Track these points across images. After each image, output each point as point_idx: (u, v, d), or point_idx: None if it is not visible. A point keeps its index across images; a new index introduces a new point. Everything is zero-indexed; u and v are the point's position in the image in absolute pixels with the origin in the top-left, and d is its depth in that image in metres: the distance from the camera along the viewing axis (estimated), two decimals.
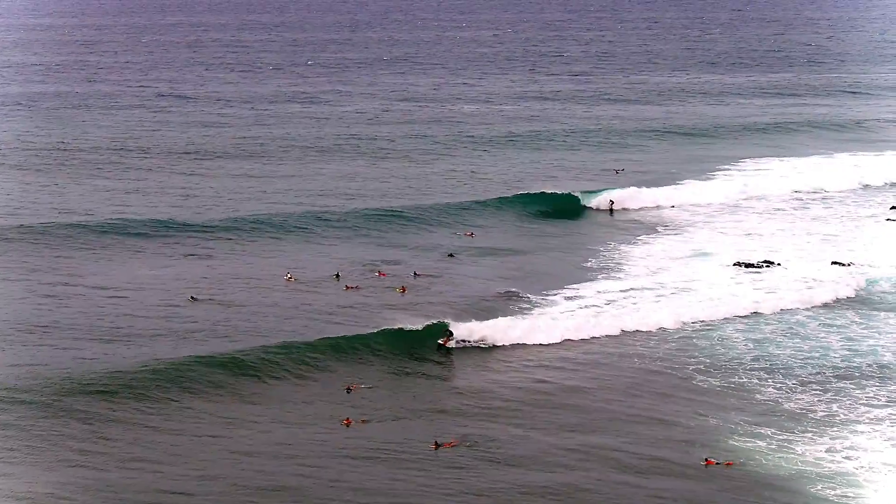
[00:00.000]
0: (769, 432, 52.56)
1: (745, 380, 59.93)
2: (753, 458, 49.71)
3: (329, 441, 49.70)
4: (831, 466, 49.00)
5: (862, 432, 52.68)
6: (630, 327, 69.28)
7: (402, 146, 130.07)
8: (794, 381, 59.77)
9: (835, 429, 53.16)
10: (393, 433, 50.32)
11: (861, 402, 57.06)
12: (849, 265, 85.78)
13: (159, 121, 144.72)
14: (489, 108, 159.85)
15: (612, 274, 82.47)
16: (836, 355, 64.33)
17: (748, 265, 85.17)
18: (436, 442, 46.22)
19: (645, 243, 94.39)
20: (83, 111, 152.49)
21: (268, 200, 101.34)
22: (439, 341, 62.75)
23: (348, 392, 54.81)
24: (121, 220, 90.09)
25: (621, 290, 77.33)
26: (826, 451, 50.70)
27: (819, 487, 46.96)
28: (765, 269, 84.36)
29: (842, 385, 59.36)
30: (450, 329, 63.16)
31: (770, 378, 60.22)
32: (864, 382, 59.84)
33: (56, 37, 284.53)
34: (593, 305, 73.82)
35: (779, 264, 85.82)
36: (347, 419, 50.61)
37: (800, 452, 50.56)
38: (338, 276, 77.79)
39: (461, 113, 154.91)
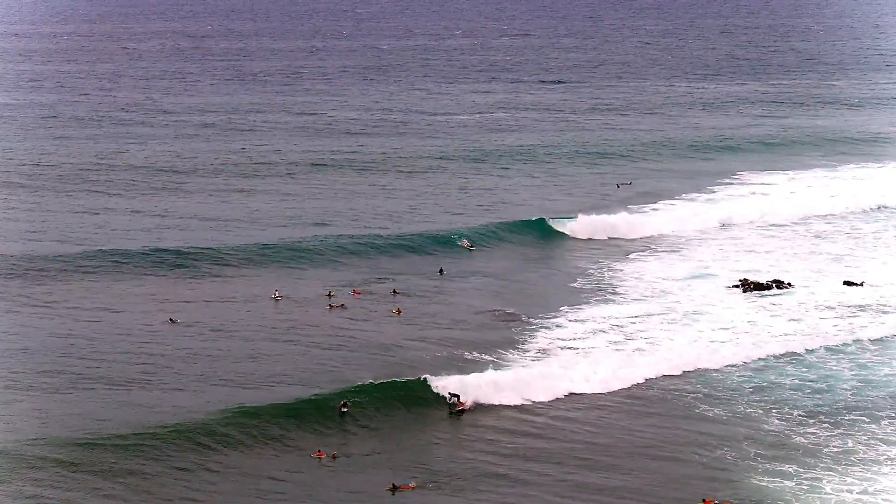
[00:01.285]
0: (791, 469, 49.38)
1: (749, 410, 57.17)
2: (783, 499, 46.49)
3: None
4: None
5: (886, 473, 49.28)
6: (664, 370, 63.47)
7: (388, 163, 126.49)
8: (802, 413, 56.78)
9: (856, 468, 49.94)
10: (358, 472, 47.81)
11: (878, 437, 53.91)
12: (861, 285, 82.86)
13: (133, 134, 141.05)
14: (477, 120, 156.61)
15: (614, 296, 78.78)
16: (847, 386, 61.21)
17: (757, 286, 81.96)
18: (392, 485, 43.98)
19: (641, 261, 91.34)
20: (52, 124, 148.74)
21: (252, 219, 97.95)
22: (452, 408, 56.57)
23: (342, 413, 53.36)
24: (97, 242, 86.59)
25: (629, 317, 73.42)
26: (860, 493, 47.24)
27: None
28: (775, 290, 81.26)
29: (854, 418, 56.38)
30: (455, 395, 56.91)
31: (775, 409, 57.41)
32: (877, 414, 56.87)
33: (25, 45, 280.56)
34: (600, 331, 70.18)
35: (789, 284, 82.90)
36: (320, 451, 48.64)
37: (829, 491, 47.33)
38: (330, 294, 75.19)
39: (451, 125, 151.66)
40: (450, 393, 56.14)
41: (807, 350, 66.75)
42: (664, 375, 62.01)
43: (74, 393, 55.38)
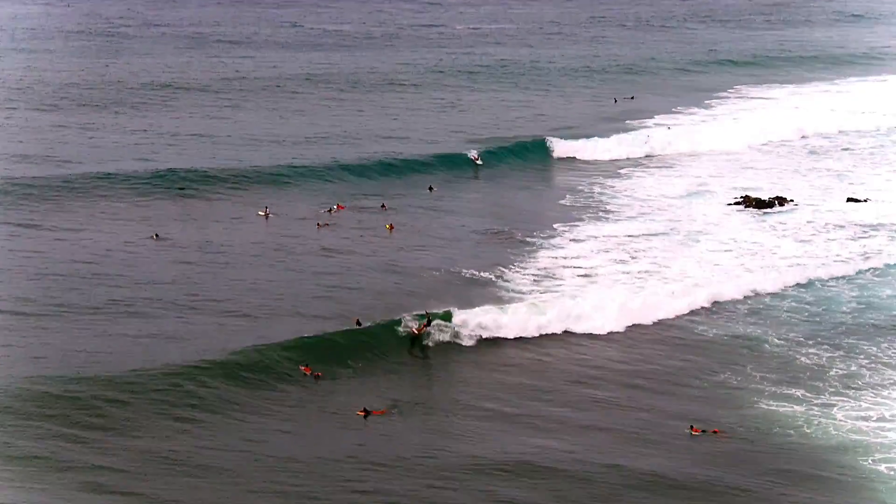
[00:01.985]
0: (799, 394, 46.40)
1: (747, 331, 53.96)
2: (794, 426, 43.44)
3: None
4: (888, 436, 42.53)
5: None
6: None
7: (379, 77, 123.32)
8: (801, 336, 53.43)
9: (866, 392, 46.77)
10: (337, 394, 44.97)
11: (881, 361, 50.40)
12: (865, 201, 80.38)
13: (119, 49, 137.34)
14: (470, 32, 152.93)
15: (609, 214, 75.78)
16: (847, 308, 57.81)
17: (759, 203, 79.28)
18: (364, 409, 41.93)
19: (636, 178, 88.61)
20: (36, 38, 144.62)
21: (240, 137, 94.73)
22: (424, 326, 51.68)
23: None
24: (80, 161, 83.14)
25: (630, 236, 70.10)
26: (877, 420, 43.88)
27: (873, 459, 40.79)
28: (777, 207, 78.72)
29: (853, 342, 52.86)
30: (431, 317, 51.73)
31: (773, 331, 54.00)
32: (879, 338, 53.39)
33: None
34: (603, 251, 66.72)
35: (791, 201, 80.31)
36: (307, 367, 46.10)
37: (842, 418, 44.26)
38: (330, 210, 73.08)
39: (444, 37, 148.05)
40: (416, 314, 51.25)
41: (810, 272, 63.11)
42: (671, 300, 57.36)
43: (53, 321, 51.00)
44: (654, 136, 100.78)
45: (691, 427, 42.25)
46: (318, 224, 69.92)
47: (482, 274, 60.46)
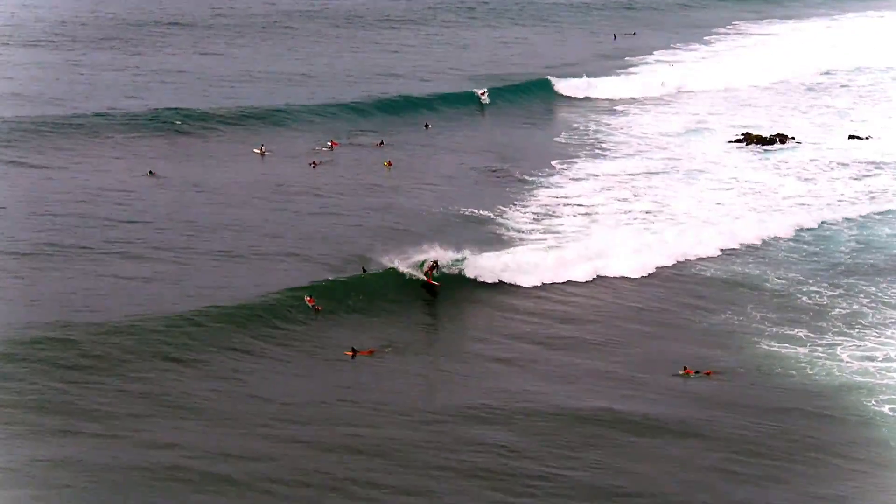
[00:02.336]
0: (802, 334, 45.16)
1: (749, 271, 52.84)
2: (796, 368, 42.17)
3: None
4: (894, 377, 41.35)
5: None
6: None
7: (376, 18, 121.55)
8: (801, 275, 52.23)
9: (869, 332, 45.50)
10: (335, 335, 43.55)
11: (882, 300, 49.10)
12: (867, 139, 79.41)
13: None
14: None
15: (611, 152, 74.94)
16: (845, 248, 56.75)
17: (760, 140, 78.16)
18: (353, 349, 40.98)
19: (635, 115, 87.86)
20: None
21: (237, 77, 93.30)
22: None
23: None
24: (74, 101, 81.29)
25: (630, 174, 68.97)
26: (883, 360, 42.61)
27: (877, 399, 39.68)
28: (779, 145, 77.58)
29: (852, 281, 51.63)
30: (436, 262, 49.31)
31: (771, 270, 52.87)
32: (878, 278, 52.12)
33: None
34: (604, 189, 65.57)
35: (793, 139, 79.03)
36: (310, 298, 45.02)
37: (847, 359, 43.00)
38: (324, 147, 71.97)
39: None
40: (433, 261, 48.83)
41: (816, 214, 61.72)
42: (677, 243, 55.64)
43: (48, 262, 49.36)
44: (667, 81, 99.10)
45: (684, 368, 41.55)
46: (312, 163, 68.50)
47: (483, 212, 59.38)
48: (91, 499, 30.47)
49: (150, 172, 64.34)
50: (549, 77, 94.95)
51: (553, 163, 71.19)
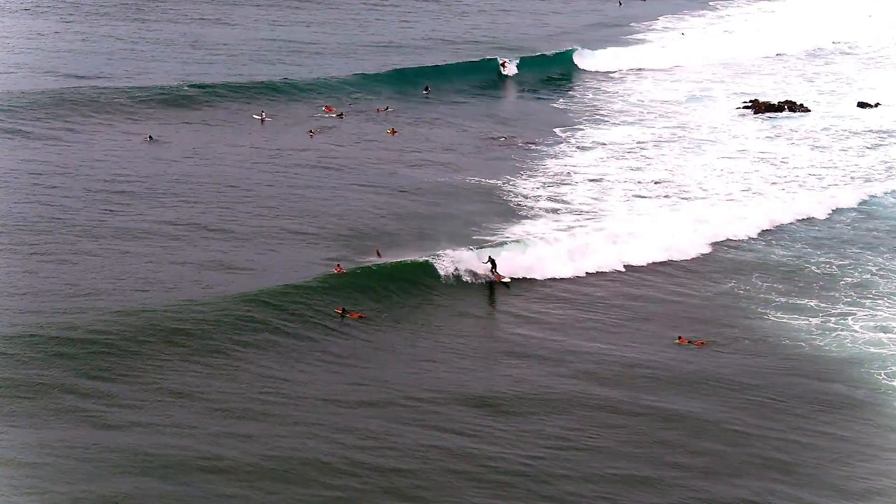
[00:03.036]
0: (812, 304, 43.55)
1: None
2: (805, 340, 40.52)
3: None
4: None
5: None
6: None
7: None
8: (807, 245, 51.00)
9: (881, 302, 43.92)
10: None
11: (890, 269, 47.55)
12: (876, 106, 78.18)
13: None
14: None
15: (613, 120, 73.63)
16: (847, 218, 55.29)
17: (769, 107, 76.79)
18: (343, 309, 39.96)
19: (633, 82, 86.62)
20: None
21: (237, 48, 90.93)
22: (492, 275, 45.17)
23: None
24: (71, 72, 78.53)
25: (638, 142, 67.55)
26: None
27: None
28: (787, 112, 76.25)
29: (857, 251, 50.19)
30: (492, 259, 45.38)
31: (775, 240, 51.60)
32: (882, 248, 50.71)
33: None
34: (612, 157, 64.04)
35: (802, 105, 77.53)
36: (339, 266, 43.39)
37: (859, 329, 41.34)
38: (341, 115, 70.85)
39: None
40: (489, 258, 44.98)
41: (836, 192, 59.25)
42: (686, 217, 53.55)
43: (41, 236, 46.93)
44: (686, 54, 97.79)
45: (678, 338, 40.50)
46: (309, 132, 66.43)
47: (490, 181, 57.77)
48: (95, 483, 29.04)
49: (149, 138, 63.00)
50: (578, 49, 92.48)
51: (556, 130, 70.02)
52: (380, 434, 31.94)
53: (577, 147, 66.47)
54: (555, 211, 53.99)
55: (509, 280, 44.75)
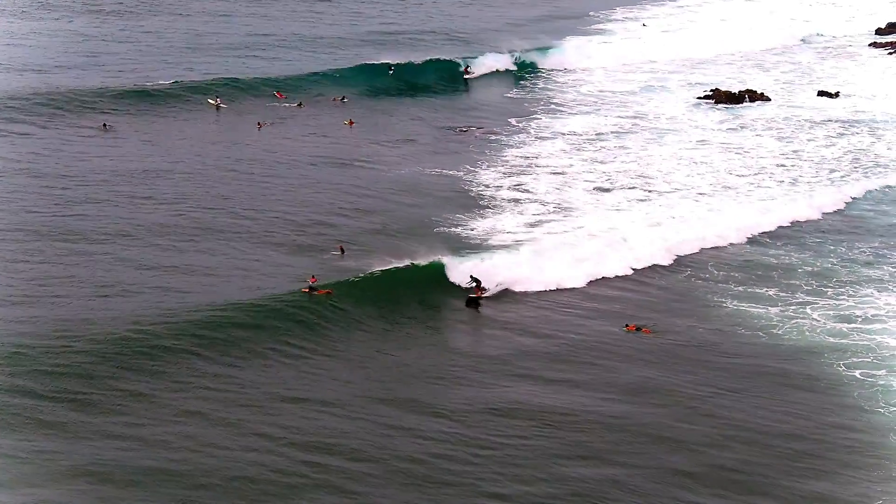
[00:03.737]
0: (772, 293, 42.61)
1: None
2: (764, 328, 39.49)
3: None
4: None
5: (873, 296, 42.44)
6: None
7: None
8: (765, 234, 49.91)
9: (842, 290, 43.13)
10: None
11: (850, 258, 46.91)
12: (836, 95, 77.75)
13: None
14: None
15: (570, 110, 72.52)
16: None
17: (730, 97, 75.88)
18: (310, 287, 39.25)
19: (587, 73, 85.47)
20: None
21: (194, 43, 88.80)
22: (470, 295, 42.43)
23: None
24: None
25: (598, 133, 66.10)
26: (861, 323, 39.98)
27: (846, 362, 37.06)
28: (748, 102, 75.30)
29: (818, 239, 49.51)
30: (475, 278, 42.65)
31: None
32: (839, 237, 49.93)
33: None
34: (575, 149, 62.36)
35: (762, 94, 76.23)
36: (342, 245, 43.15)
37: (818, 318, 40.42)
38: (300, 104, 69.56)
39: None
40: (471, 276, 42.31)
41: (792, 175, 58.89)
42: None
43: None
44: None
45: (626, 325, 39.40)
46: (258, 124, 64.44)
47: (451, 173, 56.54)
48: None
49: (104, 126, 61.36)
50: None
51: (512, 120, 69.16)
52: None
53: (537, 137, 65.37)
54: (517, 201, 52.88)
55: (487, 295, 42.04)
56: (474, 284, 42.13)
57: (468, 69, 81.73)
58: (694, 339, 38.74)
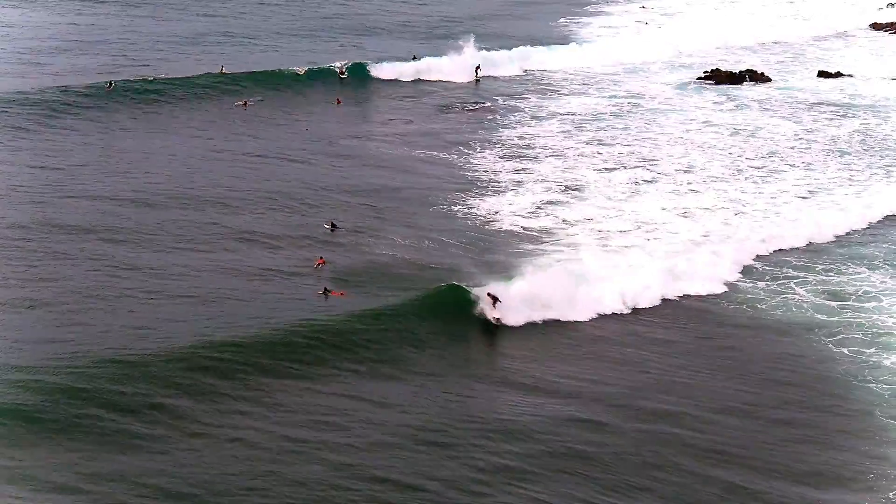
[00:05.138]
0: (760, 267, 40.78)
1: None
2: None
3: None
4: None
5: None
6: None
7: None
8: None
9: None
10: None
11: None
12: (836, 75, 75.12)
13: None
14: None
15: (563, 90, 69.95)
16: None
17: (730, 77, 72.84)
18: (325, 289, 37.60)
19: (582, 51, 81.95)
20: None
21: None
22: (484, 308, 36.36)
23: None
24: None
25: (598, 114, 63.34)
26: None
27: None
28: (748, 81, 72.69)
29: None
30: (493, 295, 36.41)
31: None
32: None
33: None
34: (574, 128, 59.61)
35: (763, 75, 73.50)
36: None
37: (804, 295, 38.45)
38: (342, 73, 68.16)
39: None
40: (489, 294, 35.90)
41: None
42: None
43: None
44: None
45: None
46: (238, 104, 62.21)
47: (446, 156, 53.71)
48: None
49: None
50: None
51: (499, 99, 66.70)
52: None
53: (534, 117, 62.53)
54: (519, 184, 50.03)
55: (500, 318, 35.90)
56: (491, 302, 35.80)
57: (478, 68, 73.26)
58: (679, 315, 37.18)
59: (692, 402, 30.85)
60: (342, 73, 69.97)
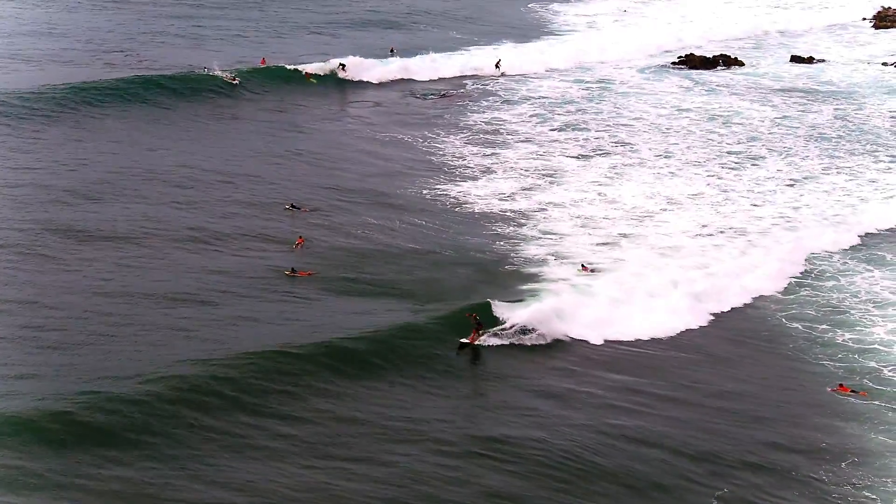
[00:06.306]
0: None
1: None
2: None
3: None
4: None
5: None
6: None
7: None
8: None
9: None
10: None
11: None
12: (810, 60, 74.06)
13: None
14: None
15: (532, 74, 68.62)
16: None
17: (704, 62, 71.20)
18: (292, 269, 37.47)
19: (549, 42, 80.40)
20: None
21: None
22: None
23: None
24: None
25: (569, 101, 61.66)
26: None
27: None
28: (722, 66, 71.34)
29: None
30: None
31: None
32: None
33: None
34: (546, 112, 58.14)
35: (736, 59, 72.11)
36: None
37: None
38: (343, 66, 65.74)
39: None
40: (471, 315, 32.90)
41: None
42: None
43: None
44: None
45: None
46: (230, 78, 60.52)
47: (423, 144, 52.01)
48: None
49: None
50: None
51: (468, 83, 65.31)
52: None
53: (505, 101, 60.97)
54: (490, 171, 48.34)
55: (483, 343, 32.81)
56: (474, 325, 32.87)
57: (498, 63, 69.92)
58: None
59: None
60: (342, 68, 66.45)
